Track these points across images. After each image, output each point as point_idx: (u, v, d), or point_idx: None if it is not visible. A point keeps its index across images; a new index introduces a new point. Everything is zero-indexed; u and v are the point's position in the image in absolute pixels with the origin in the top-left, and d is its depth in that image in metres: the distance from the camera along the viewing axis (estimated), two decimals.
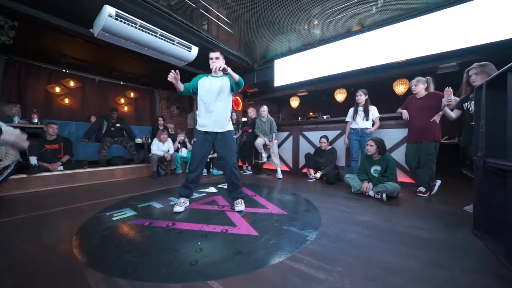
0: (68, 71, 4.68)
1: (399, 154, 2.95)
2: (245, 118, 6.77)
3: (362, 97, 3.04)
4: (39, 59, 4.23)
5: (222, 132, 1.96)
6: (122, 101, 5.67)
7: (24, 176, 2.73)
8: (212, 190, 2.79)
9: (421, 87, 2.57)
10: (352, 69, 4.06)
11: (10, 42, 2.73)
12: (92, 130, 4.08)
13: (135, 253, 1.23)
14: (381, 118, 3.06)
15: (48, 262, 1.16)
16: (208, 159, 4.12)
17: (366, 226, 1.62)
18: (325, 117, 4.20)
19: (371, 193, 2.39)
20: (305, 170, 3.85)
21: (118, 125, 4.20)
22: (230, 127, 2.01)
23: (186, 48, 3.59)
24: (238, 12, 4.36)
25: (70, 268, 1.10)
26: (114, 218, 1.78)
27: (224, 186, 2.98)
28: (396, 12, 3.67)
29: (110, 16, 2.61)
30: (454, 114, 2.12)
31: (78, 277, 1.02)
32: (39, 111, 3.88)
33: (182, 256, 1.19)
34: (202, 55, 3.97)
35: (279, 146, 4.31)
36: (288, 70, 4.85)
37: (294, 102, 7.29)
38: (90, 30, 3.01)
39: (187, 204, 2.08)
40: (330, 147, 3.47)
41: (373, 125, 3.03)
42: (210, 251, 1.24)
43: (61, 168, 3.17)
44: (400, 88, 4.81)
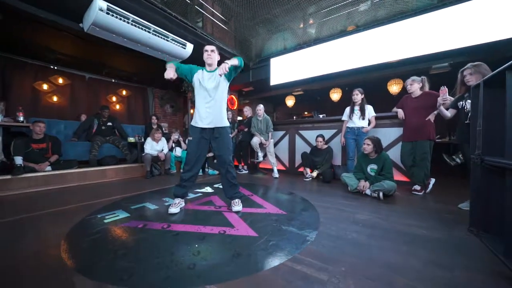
0: (56, 68, 4.49)
1: (394, 153, 2.98)
2: (240, 117, 6.72)
3: (358, 96, 3.05)
4: (26, 55, 4.04)
5: (219, 128, 1.90)
6: (114, 99, 5.51)
7: (8, 177, 2.60)
8: (208, 190, 2.73)
9: (416, 87, 2.60)
10: (347, 68, 4.09)
11: None
12: (82, 129, 3.93)
13: (129, 257, 1.17)
14: (376, 117, 3.08)
15: (34, 269, 1.08)
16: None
17: (365, 224, 1.61)
18: (321, 116, 4.21)
19: (368, 191, 2.40)
20: (301, 169, 3.85)
21: (109, 123, 4.07)
22: (227, 123, 1.96)
23: (181, 45, 3.51)
24: (233, 9, 4.31)
25: (58, 275, 1.03)
26: (106, 221, 1.71)
27: (220, 186, 2.93)
28: (390, 12, 3.71)
29: (101, 10, 2.50)
30: (449, 113, 2.14)
31: (67, 285, 0.96)
32: (25, 109, 3.69)
33: (179, 259, 1.14)
34: (197, 53, 3.90)
35: (275, 145, 4.29)
36: (284, 69, 4.83)
37: (290, 101, 7.29)
38: (80, 24, 2.88)
39: (183, 204, 2.02)
40: (326, 146, 3.47)
41: (369, 124, 3.05)
42: (208, 254, 1.20)
43: (49, 168, 3.03)
44: (394, 87, 4.87)
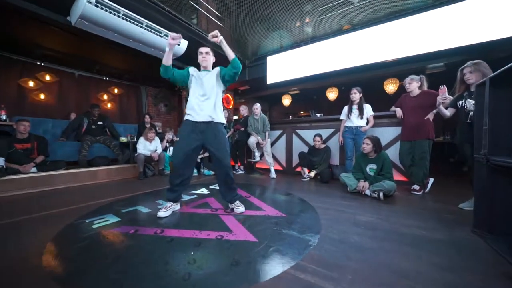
0: (43, 64, 4.29)
1: (392, 153, 2.96)
2: (236, 116, 6.63)
3: (356, 95, 3.01)
4: (10, 50, 3.83)
5: (216, 123, 1.76)
6: (105, 97, 5.32)
7: None
8: (203, 191, 2.64)
9: (415, 85, 2.57)
10: (343, 67, 4.06)
11: None
12: (71, 128, 3.75)
13: (119, 267, 1.08)
14: (374, 116, 3.05)
15: (11, 282, 0.98)
16: (198, 160, 3.95)
17: (367, 227, 1.56)
18: (318, 115, 4.17)
19: (368, 192, 2.36)
20: (298, 169, 3.80)
21: (100, 122, 3.91)
22: (223, 119, 1.82)
23: None
24: (229, 6, 4.20)
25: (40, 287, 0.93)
26: (94, 226, 1.60)
27: (216, 187, 2.84)
28: (386, 11, 3.69)
29: (89, 2, 2.37)
30: (448, 113, 2.12)
31: None
32: (10, 107, 3.51)
33: (173, 269, 1.06)
34: (192, 50, 3.78)
35: (272, 144, 4.22)
36: (281, 67, 4.77)
37: (286, 101, 7.24)
38: (68, 18, 2.73)
39: (177, 208, 1.92)
40: (324, 146, 3.43)
41: (367, 123, 3.02)
42: (204, 262, 1.12)
43: (34, 169, 2.87)
44: (390, 87, 4.88)
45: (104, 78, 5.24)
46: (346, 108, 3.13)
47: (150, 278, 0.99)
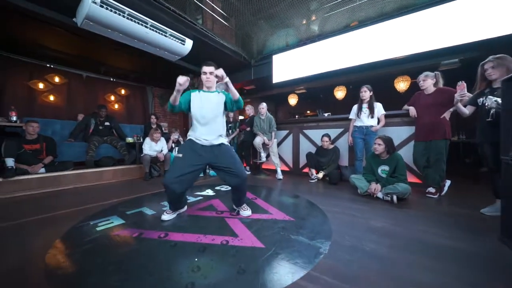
0: (52, 66, 4.37)
1: (405, 153, 2.82)
2: (241, 116, 6.57)
3: (366, 93, 2.89)
4: (20, 53, 3.91)
5: (218, 145, 1.72)
6: (112, 98, 5.38)
7: None
8: (209, 193, 2.59)
9: (429, 83, 2.43)
10: (351, 65, 3.92)
11: None
12: (78, 129, 3.79)
13: (120, 274, 1.03)
14: (386, 116, 2.92)
15: (16, 284, 0.95)
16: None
17: (382, 233, 1.46)
18: (326, 114, 4.06)
19: (380, 194, 2.25)
20: (306, 170, 3.70)
21: (107, 123, 3.94)
22: (224, 141, 1.77)
23: (180, 41, 3.36)
24: (234, 4, 4.15)
25: None
26: (98, 228, 1.57)
27: (221, 188, 2.79)
28: (396, 5, 3.54)
29: (95, 2, 2.36)
30: (467, 111, 1.99)
31: None
32: (20, 109, 3.58)
33: (176, 277, 1.00)
34: (197, 49, 3.75)
35: (278, 145, 4.14)
36: (287, 66, 4.67)
37: (292, 100, 7.13)
38: (73, 19, 2.74)
39: (183, 210, 1.88)
40: (332, 146, 3.32)
41: (378, 122, 2.89)
42: (209, 270, 1.06)
43: (43, 170, 2.90)
44: (401, 85, 4.71)
45: (111, 79, 5.30)
46: (355, 107, 3.02)
47: (153, 286, 0.93)
